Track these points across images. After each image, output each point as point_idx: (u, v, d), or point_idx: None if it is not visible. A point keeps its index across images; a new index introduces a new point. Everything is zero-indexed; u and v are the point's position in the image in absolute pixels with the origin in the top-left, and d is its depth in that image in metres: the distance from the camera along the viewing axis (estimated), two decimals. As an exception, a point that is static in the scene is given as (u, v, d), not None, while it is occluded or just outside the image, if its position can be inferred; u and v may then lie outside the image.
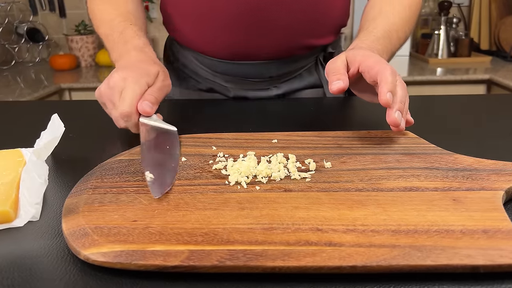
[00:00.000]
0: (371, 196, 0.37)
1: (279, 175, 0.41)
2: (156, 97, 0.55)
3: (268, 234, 0.32)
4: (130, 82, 0.53)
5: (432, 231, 0.32)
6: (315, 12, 0.72)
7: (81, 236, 0.32)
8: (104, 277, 0.30)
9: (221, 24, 0.71)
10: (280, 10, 0.70)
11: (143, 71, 0.56)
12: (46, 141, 0.48)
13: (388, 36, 0.63)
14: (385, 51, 0.62)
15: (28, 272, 0.31)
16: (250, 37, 0.72)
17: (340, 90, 0.49)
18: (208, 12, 0.71)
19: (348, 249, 0.30)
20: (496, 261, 0.29)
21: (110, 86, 0.54)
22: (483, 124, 0.62)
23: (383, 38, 0.62)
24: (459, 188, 0.38)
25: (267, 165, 0.43)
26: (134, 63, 0.59)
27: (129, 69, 0.56)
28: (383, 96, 0.46)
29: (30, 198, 0.39)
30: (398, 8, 0.69)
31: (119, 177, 0.42)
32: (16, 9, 2.28)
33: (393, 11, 0.68)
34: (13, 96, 1.62)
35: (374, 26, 0.65)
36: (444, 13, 2.04)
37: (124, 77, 0.54)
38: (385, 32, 0.64)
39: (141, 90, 0.53)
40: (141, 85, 0.54)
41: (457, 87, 1.79)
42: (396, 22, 0.67)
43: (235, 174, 0.41)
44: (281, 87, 0.80)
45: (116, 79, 0.54)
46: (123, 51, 0.63)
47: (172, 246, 0.31)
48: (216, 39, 0.73)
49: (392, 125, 0.47)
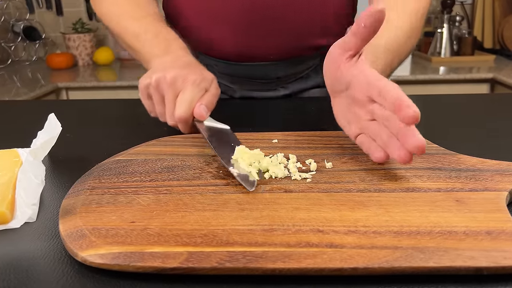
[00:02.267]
0: (373, 197, 0.37)
1: (280, 174, 0.41)
2: (212, 102, 0.54)
3: (268, 236, 0.31)
4: (190, 84, 0.52)
5: (435, 233, 0.31)
6: (323, 12, 0.72)
7: (78, 238, 0.32)
8: (101, 279, 0.30)
9: (228, 25, 0.71)
10: (287, 10, 0.69)
11: (201, 75, 0.55)
12: (43, 141, 0.47)
13: (390, 53, 0.57)
14: (385, 71, 0.56)
15: (24, 274, 0.30)
16: (257, 37, 0.71)
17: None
18: (215, 13, 0.71)
19: (349, 251, 0.30)
20: (499, 263, 0.28)
21: (168, 81, 0.52)
22: (487, 124, 0.61)
23: (385, 57, 0.55)
24: (462, 188, 0.38)
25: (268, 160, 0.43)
26: (189, 64, 0.58)
27: (187, 70, 0.54)
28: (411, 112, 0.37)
29: (26, 199, 0.38)
30: (403, 18, 0.61)
31: (117, 178, 0.41)
32: (12, 7, 2.26)
33: (397, 22, 0.60)
34: (9, 95, 1.62)
35: (376, 39, 0.54)
36: (447, 11, 2.03)
37: (185, 78, 0.53)
38: (388, 49, 0.56)
39: (200, 95, 0.53)
40: (200, 89, 0.53)
41: (460, 86, 1.78)
42: (399, 35, 0.59)
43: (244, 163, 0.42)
44: (288, 87, 0.80)
45: (176, 76, 0.52)
46: (168, 48, 0.61)
47: (171, 248, 0.30)
48: (222, 40, 0.73)
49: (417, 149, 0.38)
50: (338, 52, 0.45)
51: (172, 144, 0.50)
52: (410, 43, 0.63)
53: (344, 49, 0.44)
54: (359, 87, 0.43)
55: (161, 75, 0.53)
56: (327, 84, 0.49)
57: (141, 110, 0.74)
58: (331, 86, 0.48)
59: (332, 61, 0.46)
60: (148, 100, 0.57)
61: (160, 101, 0.55)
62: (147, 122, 0.67)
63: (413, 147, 0.37)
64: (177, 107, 0.52)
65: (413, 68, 1.90)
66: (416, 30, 0.64)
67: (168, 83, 0.52)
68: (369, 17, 0.41)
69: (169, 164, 0.44)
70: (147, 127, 0.64)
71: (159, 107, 0.55)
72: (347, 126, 0.47)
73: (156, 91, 0.54)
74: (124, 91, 1.82)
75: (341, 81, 0.46)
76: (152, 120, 0.67)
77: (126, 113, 0.74)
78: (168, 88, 0.52)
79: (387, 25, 0.57)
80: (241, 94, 0.79)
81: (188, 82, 0.53)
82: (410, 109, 0.37)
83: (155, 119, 0.64)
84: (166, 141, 0.51)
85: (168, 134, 0.53)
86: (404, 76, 1.76)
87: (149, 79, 0.54)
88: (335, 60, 0.45)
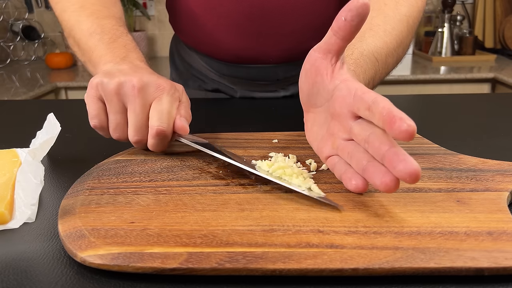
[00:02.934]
0: (373, 197, 0.37)
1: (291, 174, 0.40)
2: (189, 114, 0.48)
3: (268, 236, 0.31)
4: (166, 93, 0.45)
5: (436, 233, 0.31)
6: (323, 16, 0.71)
7: (77, 238, 0.32)
8: (101, 280, 0.30)
9: (229, 28, 0.71)
10: (290, 14, 0.69)
11: (172, 83, 0.48)
12: (42, 141, 0.47)
13: (374, 66, 0.51)
14: (369, 84, 0.50)
15: (23, 275, 0.30)
16: (258, 41, 0.71)
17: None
18: (216, 16, 0.71)
19: (350, 251, 0.29)
20: (501, 264, 0.28)
21: (137, 87, 0.44)
22: (488, 124, 0.61)
23: (370, 69, 0.50)
24: (463, 189, 0.38)
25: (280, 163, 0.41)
26: (153, 73, 0.49)
27: (155, 76, 0.47)
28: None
29: (25, 199, 0.38)
30: (392, 23, 0.55)
31: (116, 178, 0.41)
32: (11, 6, 2.26)
33: (385, 27, 0.54)
34: (8, 95, 1.61)
35: (361, 48, 0.51)
36: (447, 10, 2.03)
37: (158, 85, 0.45)
38: (372, 60, 0.51)
39: (176, 105, 0.46)
40: (175, 99, 0.46)
41: (461, 86, 1.78)
42: (388, 43, 0.53)
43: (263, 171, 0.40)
44: (288, 89, 0.80)
45: (148, 82, 0.45)
46: (126, 57, 0.52)
47: (171, 248, 0.30)
48: (223, 43, 0.73)
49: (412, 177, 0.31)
50: (319, 56, 0.40)
51: (171, 144, 0.49)
52: (399, 52, 0.57)
53: (324, 52, 0.40)
54: (341, 100, 0.38)
55: (125, 78, 0.44)
56: (303, 95, 0.43)
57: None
58: (307, 97, 0.43)
59: (312, 67, 0.41)
60: (97, 104, 0.46)
61: (120, 110, 0.45)
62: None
63: (405, 173, 0.31)
64: (153, 118, 0.44)
65: (414, 68, 1.90)
66: (407, 37, 0.58)
67: (137, 89, 0.44)
68: (350, 11, 0.36)
69: (169, 164, 0.44)
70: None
71: (117, 117, 0.45)
72: (319, 144, 0.42)
73: (115, 97, 0.44)
74: (124, 91, 1.82)
75: (321, 91, 0.41)
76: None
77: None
78: (137, 95, 0.44)
79: (373, 32, 0.53)
80: (242, 94, 0.79)
81: (162, 90, 0.45)
82: (403, 123, 0.30)
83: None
84: (166, 141, 0.50)
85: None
86: (405, 75, 1.76)
87: (107, 80, 0.45)
88: (315, 66, 0.40)
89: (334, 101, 0.39)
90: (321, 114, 0.42)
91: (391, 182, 0.32)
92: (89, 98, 0.46)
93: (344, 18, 0.37)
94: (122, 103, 0.45)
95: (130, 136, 0.46)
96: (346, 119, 0.38)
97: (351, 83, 0.38)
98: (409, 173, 0.30)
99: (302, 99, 0.44)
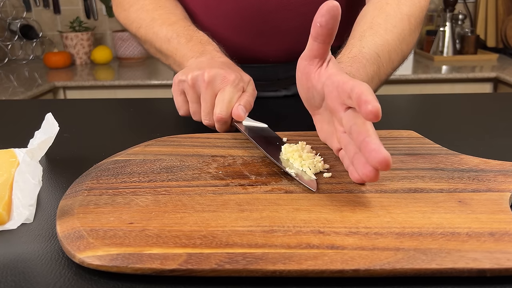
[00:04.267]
0: (375, 197, 0.37)
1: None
2: (250, 103, 0.54)
3: (268, 237, 0.31)
4: (229, 84, 0.52)
5: (437, 234, 0.31)
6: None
7: (76, 239, 0.31)
8: (99, 281, 0.29)
9: (229, 27, 0.71)
10: (289, 14, 0.69)
11: (239, 75, 0.54)
12: (40, 141, 0.47)
13: (376, 61, 0.53)
14: (372, 79, 0.53)
15: (21, 276, 0.30)
16: (256, 40, 0.71)
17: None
18: (216, 15, 0.71)
19: (350, 252, 0.29)
20: (503, 265, 0.28)
21: (206, 80, 0.52)
22: (490, 124, 0.61)
23: (370, 64, 0.52)
24: (465, 189, 0.38)
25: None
26: (227, 64, 0.57)
27: (225, 69, 0.54)
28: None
29: (23, 199, 0.38)
30: (393, 21, 0.57)
31: (115, 178, 0.41)
32: (9, 5, 2.26)
33: (386, 26, 0.57)
34: (6, 94, 1.61)
35: (360, 46, 0.54)
36: (449, 9, 2.02)
37: (224, 77, 0.52)
38: (373, 56, 0.53)
39: (238, 95, 0.53)
40: (238, 90, 0.53)
41: (462, 85, 1.78)
42: (389, 40, 0.56)
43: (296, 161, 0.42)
44: (290, 89, 0.79)
45: (215, 75, 0.52)
46: (203, 50, 0.61)
47: (170, 249, 0.30)
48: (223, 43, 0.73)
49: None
50: (305, 63, 0.44)
51: (170, 144, 0.49)
52: (403, 48, 0.59)
53: (310, 58, 0.43)
54: (330, 95, 0.41)
55: (199, 73, 0.52)
56: (304, 101, 0.47)
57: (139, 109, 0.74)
58: (307, 102, 0.47)
59: (303, 74, 0.44)
60: (181, 97, 0.56)
61: (196, 100, 0.54)
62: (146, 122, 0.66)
63: (376, 162, 0.32)
64: (216, 107, 0.51)
65: (415, 67, 1.89)
66: (409, 35, 0.60)
67: (206, 82, 0.52)
68: (323, 15, 0.38)
69: (168, 164, 0.44)
70: (146, 127, 0.63)
71: (193, 106, 0.55)
72: (329, 140, 0.46)
73: (192, 89, 0.53)
74: (122, 91, 1.82)
75: (315, 94, 0.44)
76: (151, 120, 0.67)
77: (124, 112, 0.74)
78: (207, 87, 0.52)
79: (373, 30, 0.56)
80: None
81: (227, 82, 0.52)
82: (369, 104, 0.33)
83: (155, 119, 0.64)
84: (165, 141, 0.50)
85: (167, 134, 0.53)
86: (406, 75, 1.76)
87: (185, 76, 0.53)
88: (305, 72, 0.44)
89: (326, 98, 0.42)
90: (324, 113, 0.45)
91: (370, 172, 0.34)
92: (174, 93, 0.57)
93: (319, 24, 0.39)
94: (197, 94, 0.54)
95: (202, 120, 0.54)
96: (339, 112, 0.40)
97: (334, 76, 0.40)
98: (379, 162, 0.32)
99: (305, 104, 0.48)
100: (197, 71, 0.53)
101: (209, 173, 0.42)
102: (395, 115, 0.66)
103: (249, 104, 0.53)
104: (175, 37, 0.64)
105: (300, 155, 0.43)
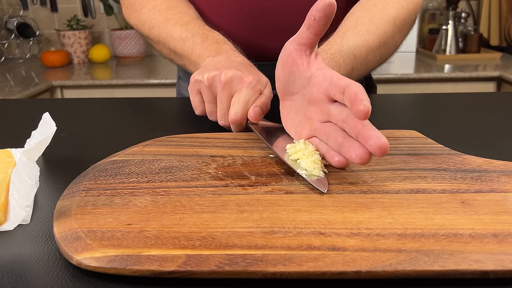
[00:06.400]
0: (376, 198, 0.36)
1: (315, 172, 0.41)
2: (266, 105, 0.53)
3: (268, 238, 0.31)
4: (246, 86, 0.52)
5: (440, 235, 0.31)
6: None
7: (73, 240, 0.31)
8: (97, 283, 0.29)
9: (231, 24, 0.71)
10: (291, 11, 0.69)
11: (257, 77, 0.54)
12: (37, 141, 0.47)
13: (351, 62, 0.56)
14: (345, 75, 0.52)
15: (18, 278, 0.30)
16: (259, 38, 0.71)
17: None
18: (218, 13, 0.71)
19: (352, 254, 0.29)
20: (506, 266, 0.28)
21: (223, 81, 0.52)
22: (493, 123, 0.61)
23: (345, 65, 0.55)
24: (468, 190, 0.37)
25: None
26: (244, 65, 0.56)
27: (242, 70, 0.53)
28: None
29: (20, 200, 0.38)
30: (377, 23, 0.59)
31: (113, 179, 0.40)
32: (5, 3, 2.25)
33: (369, 27, 0.59)
34: (2, 94, 1.60)
35: (340, 45, 0.56)
36: (452, 7, 2.01)
37: (241, 79, 0.52)
38: (350, 57, 0.56)
39: (255, 97, 0.53)
40: (255, 91, 0.53)
41: (465, 84, 1.77)
42: (370, 41, 0.58)
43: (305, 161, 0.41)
44: None
45: (232, 77, 0.52)
46: (220, 49, 0.60)
47: (169, 251, 0.29)
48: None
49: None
50: (294, 48, 0.44)
51: (169, 144, 0.49)
52: (383, 51, 0.61)
53: (300, 44, 0.44)
54: (318, 86, 0.42)
55: (216, 73, 0.52)
56: (279, 84, 0.48)
57: (138, 109, 0.73)
58: (283, 86, 0.47)
59: (289, 58, 0.45)
60: (197, 97, 0.56)
61: (212, 100, 0.54)
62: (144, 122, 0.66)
63: (375, 147, 0.35)
64: (232, 108, 0.51)
65: (418, 66, 1.89)
66: (392, 38, 0.62)
67: (223, 83, 0.52)
68: (318, 11, 0.41)
69: (167, 164, 0.44)
70: (144, 127, 0.63)
71: (210, 106, 0.55)
72: (297, 128, 0.47)
73: (208, 90, 0.53)
74: (120, 90, 1.81)
75: (298, 79, 0.45)
76: (150, 120, 0.67)
77: (122, 112, 0.73)
78: (223, 88, 0.52)
79: (356, 30, 0.58)
80: None
81: (244, 83, 0.52)
82: (361, 103, 0.35)
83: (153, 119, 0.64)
84: (163, 141, 0.50)
85: (166, 134, 0.53)
86: (408, 74, 1.75)
87: (201, 76, 0.53)
88: (291, 57, 0.45)
89: (311, 87, 0.43)
90: (297, 100, 0.47)
91: (365, 155, 0.37)
92: (190, 92, 0.56)
93: (313, 18, 0.41)
94: (214, 95, 0.54)
95: (218, 121, 0.54)
96: (323, 103, 0.43)
97: (326, 70, 0.43)
98: (378, 147, 0.35)
99: (279, 88, 0.48)
100: (214, 71, 0.53)
101: (208, 174, 0.42)
102: (397, 114, 0.66)
103: (265, 105, 0.53)
104: (190, 37, 0.63)
105: (311, 154, 0.42)
